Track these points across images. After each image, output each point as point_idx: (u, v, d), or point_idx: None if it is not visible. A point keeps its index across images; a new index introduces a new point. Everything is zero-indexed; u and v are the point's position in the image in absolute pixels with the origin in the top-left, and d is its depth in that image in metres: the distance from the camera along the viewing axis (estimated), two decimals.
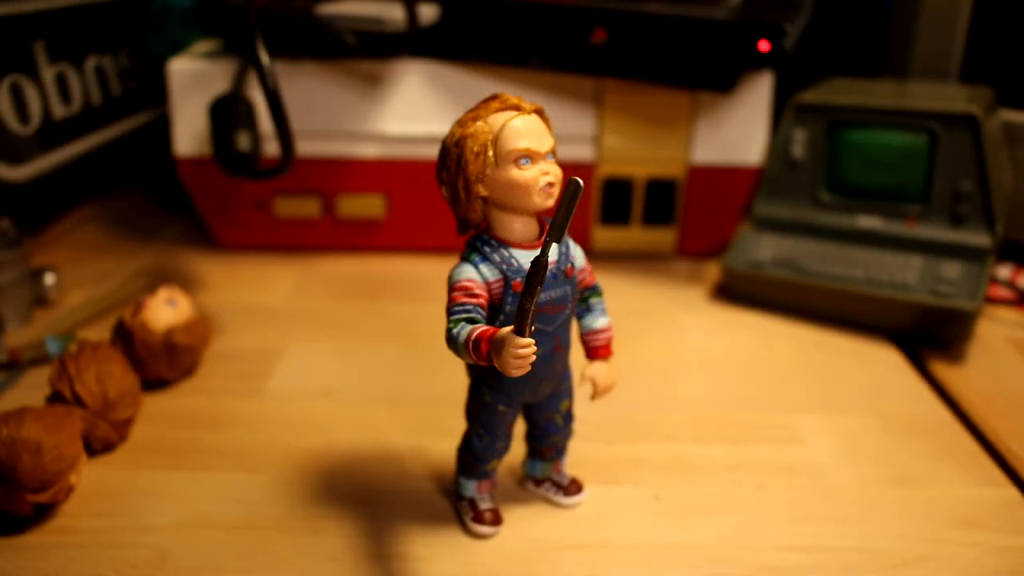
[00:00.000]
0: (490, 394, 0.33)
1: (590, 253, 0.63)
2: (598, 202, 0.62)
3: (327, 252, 0.64)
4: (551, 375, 0.33)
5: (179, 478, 0.38)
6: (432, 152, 0.60)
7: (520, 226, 0.31)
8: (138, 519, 0.35)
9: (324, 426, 0.42)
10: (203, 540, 0.34)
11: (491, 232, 0.32)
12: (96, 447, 0.39)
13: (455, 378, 0.37)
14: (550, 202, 0.31)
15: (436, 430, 0.41)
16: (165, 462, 0.39)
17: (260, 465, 0.39)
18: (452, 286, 0.31)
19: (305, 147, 0.58)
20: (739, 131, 0.60)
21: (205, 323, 0.46)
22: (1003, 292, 0.57)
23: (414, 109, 0.59)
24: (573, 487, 0.37)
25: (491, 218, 0.32)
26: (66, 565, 0.32)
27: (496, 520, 0.35)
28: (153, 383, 0.45)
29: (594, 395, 0.35)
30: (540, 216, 0.32)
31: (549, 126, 0.32)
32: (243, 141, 0.55)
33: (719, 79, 0.55)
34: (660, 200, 0.62)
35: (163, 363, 0.44)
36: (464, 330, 0.29)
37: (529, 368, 0.27)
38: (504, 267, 0.31)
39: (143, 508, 0.36)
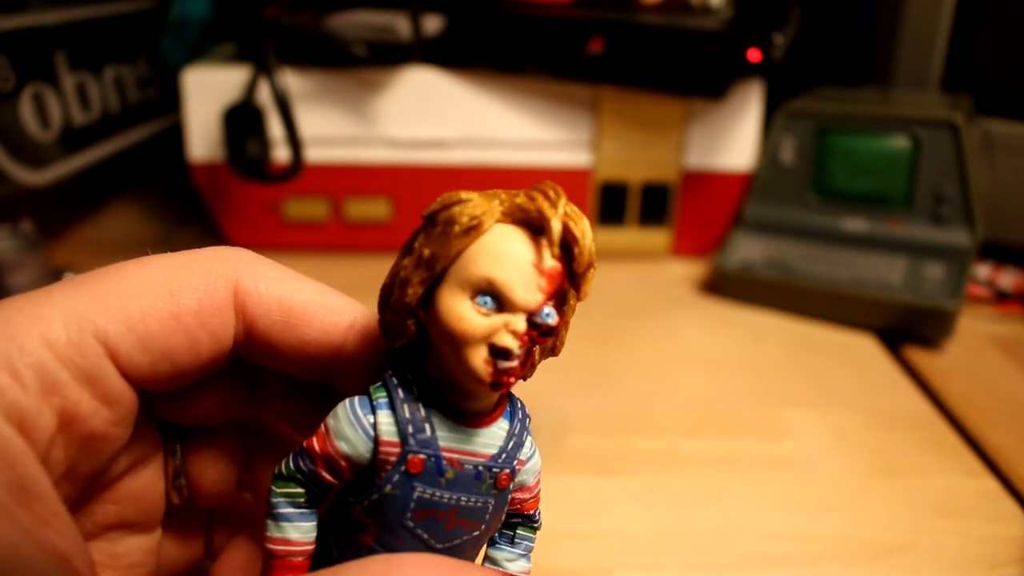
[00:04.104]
0: None
1: None
2: (596, 205, 0.64)
3: (335, 253, 0.65)
4: None
5: None
6: (435, 157, 0.62)
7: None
8: None
9: None
10: None
11: (428, 368, 0.20)
12: None
13: None
14: (494, 395, 0.20)
15: None
16: None
17: None
18: (325, 430, 0.20)
19: (314, 152, 0.60)
20: (730, 137, 0.62)
21: None
22: (982, 291, 0.58)
23: (418, 115, 0.61)
24: None
25: (434, 347, 0.20)
26: None
27: None
28: None
29: None
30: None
31: (580, 281, 0.19)
32: (255, 147, 0.57)
33: (710, 86, 0.57)
34: (654, 203, 0.63)
35: None
36: (282, 511, 0.20)
37: None
38: (408, 429, 0.19)
39: None
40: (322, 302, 0.22)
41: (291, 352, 0.22)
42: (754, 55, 0.54)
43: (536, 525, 0.23)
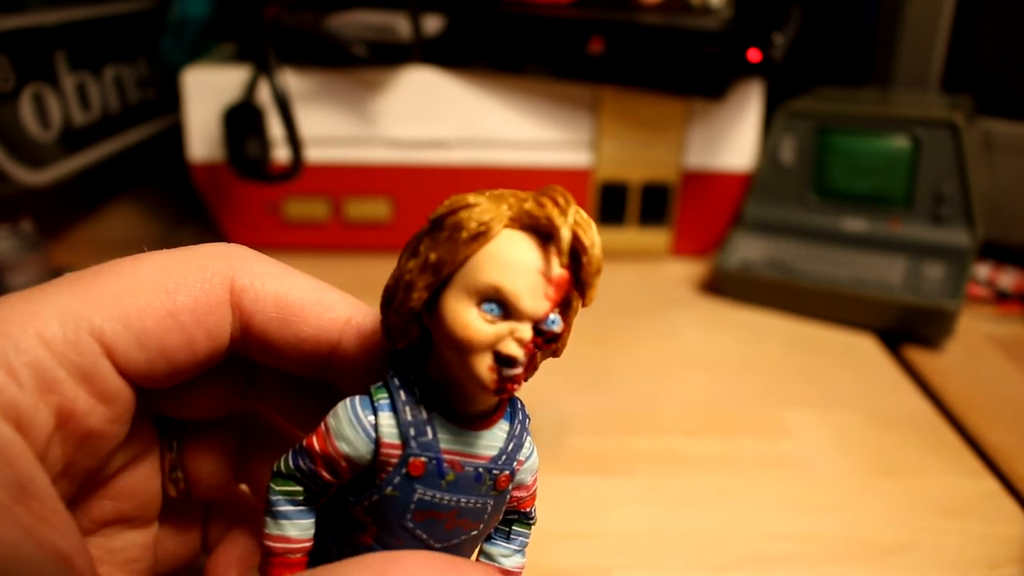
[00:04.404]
0: None
1: None
2: (596, 205, 0.64)
3: (335, 253, 0.65)
4: None
5: None
6: (435, 157, 0.62)
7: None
8: None
9: None
10: None
11: (430, 369, 0.20)
12: None
13: None
14: (495, 398, 0.20)
15: None
16: None
17: None
18: (325, 430, 0.20)
19: (314, 152, 0.60)
20: (730, 137, 0.62)
21: None
22: (982, 291, 0.58)
23: (418, 115, 0.61)
24: None
25: (437, 350, 0.20)
26: None
27: None
28: None
29: None
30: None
31: (586, 288, 0.19)
32: (255, 147, 0.57)
33: (710, 86, 0.57)
34: (655, 203, 0.63)
35: None
36: (281, 508, 0.20)
37: None
38: (410, 432, 0.19)
39: None
40: (318, 298, 0.22)
41: (288, 349, 0.22)
42: (754, 55, 0.54)
43: (532, 521, 0.23)
